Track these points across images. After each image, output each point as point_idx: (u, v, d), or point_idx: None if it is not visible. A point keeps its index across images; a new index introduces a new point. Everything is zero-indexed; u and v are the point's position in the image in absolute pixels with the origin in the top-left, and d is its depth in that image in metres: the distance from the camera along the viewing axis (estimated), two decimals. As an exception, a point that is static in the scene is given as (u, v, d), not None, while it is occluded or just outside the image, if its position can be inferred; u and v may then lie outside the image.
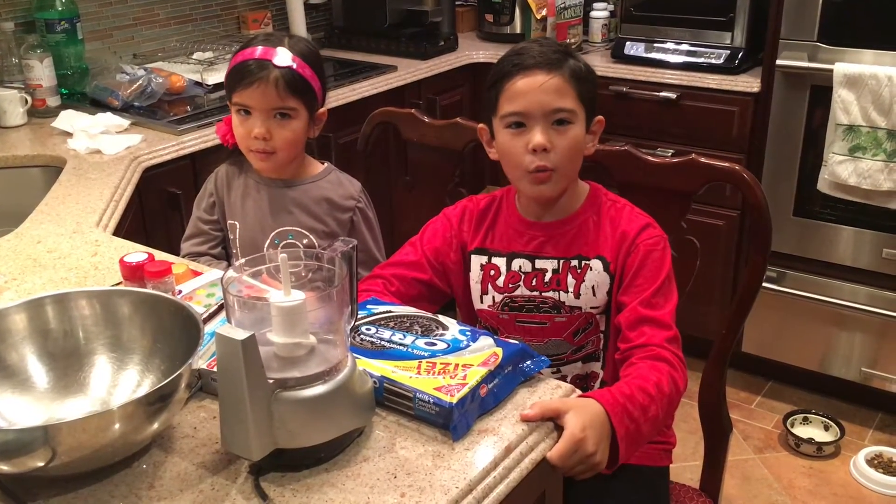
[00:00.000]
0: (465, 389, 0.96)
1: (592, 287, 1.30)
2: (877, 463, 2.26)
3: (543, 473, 1.01)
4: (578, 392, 1.09)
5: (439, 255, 1.38)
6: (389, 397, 0.99)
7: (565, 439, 1.00)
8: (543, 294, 1.33)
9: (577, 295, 1.31)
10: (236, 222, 1.57)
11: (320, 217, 1.56)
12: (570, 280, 1.31)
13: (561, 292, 1.32)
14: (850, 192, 2.25)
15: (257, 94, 1.44)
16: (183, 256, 1.58)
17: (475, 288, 1.38)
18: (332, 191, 1.57)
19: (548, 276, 1.32)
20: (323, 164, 1.62)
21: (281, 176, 1.56)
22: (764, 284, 2.41)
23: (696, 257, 1.45)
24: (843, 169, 2.22)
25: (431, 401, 0.95)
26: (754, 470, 2.31)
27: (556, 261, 1.32)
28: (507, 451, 0.94)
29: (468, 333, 1.09)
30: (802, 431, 2.41)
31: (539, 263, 1.33)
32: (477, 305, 1.38)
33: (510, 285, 1.35)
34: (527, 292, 1.34)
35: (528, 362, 1.06)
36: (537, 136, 1.23)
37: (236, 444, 0.88)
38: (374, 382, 0.99)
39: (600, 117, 1.31)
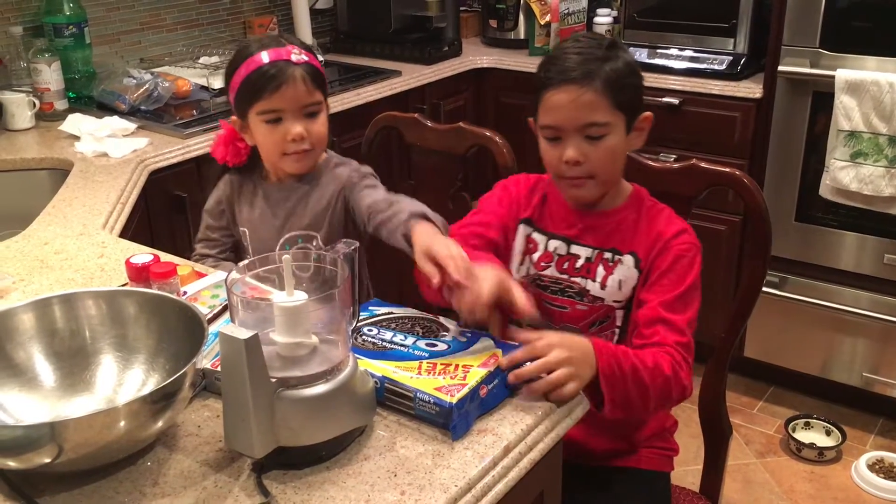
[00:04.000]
0: (465, 390, 0.97)
1: (620, 281, 1.31)
2: (878, 468, 2.26)
3: (542, 473, 1.02)
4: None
5: (505, 219, 1.40)
6: (390, 397, 1.01)
7: (522, 348, 1.04)
8: (571, 279, 1.35)
9: (604, 286, 1.32)
10: (246, 229, 1.56)
11: (326, 213, 1.52)
12: (601, 271, 1.33)
13: (589, 280, 1.33)
14: (851, 197, 2.25)
15: (288, 95, 1.40)
16: (193, 256, 1.59)
17: (516, 257, 1.40)
18: (332, 182, 1.52)
19: (580, 262, 1.34)
20: (325, 153, 1.57)
21: (307, 171, 1.52)
22: (766, 289, 2.42)
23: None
24: (844, 175, 2.23)
25: (432, 401, 0.97)
26: (756, 474, 2.32)
27: (590, 250, 1.34)
28: (505, 451, 0.95)
29: (468, 335, 1.11)
30: (804, 436, 2.41)
31: (574, 249, 1.35)
32: (513, 275, 1.39)
33: (542, 264, 1.37)
34: (556, 274, 1.36)
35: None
36: (569, 151, 1.26)
37: (239, 442, 0.90)
38: (376, 382, 1.00)
39: (647, 114, 1.30)
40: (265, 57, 1.40)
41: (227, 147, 1.52)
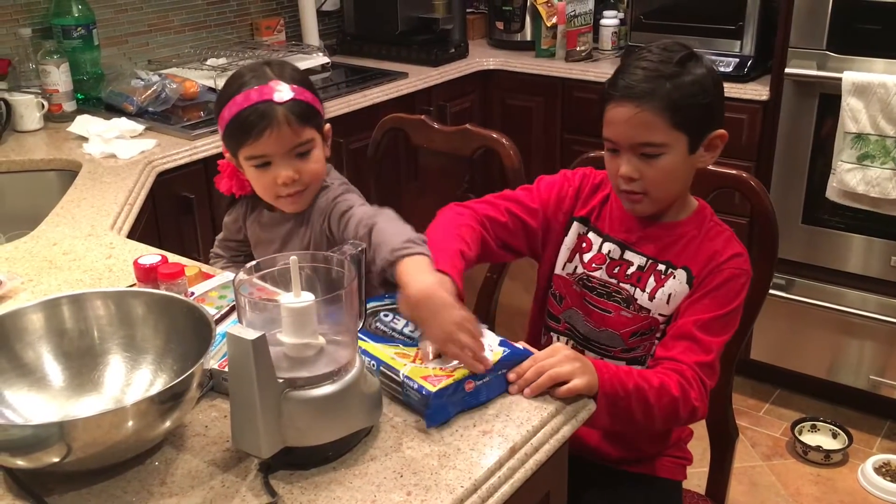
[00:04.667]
0: (448, 381, 0.99)
1: (669, 295, 1.29)
2: (885, 471, 2.25)
3: (548, 474, 1.03)
4: None
5: (550, 210, 1.39)
6: (384, 381, 1.03)
7: (528, 360, 1.06)
8: (620, 284, 1.33)
9: (652, 297, 1.30)
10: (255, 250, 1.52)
11: (322, 234, 1.44)
12: (651, 282, 1.30)
13: (638, 289, 1.31)
14: (858, 200, 2.25)
15: (272, 141, 1.29)
16: (211, 251, 1.57)
17: (564, 253, 1.38)
18: (316, 216, 1.43)
19: (631, 269, 1.32)
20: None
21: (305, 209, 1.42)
22: (772, 292, 2.42)
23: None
24: (851, 177, 2.22)
25: (415, 387, 1.00)
26: (762, 477, 2.31)
27: (645, 259, 1.32)
28: (511, 452, 0.96)
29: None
30: (810, 439, 2.40)
31: (628, 255, 1.33)
32: (557, 270, 1.39)
33: (593, 265, 1.35)
34: (605, 277, 1.34)
35: None
36: (623, 167, 1.24)
37: (246, 442, 0.90)
38: (373, 364, 1.04)
39: (720, 132, 1.26)
40: (246, 98, 1.29)
41: (231, 180, 1.45)
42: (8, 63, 2.25)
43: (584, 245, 1.37)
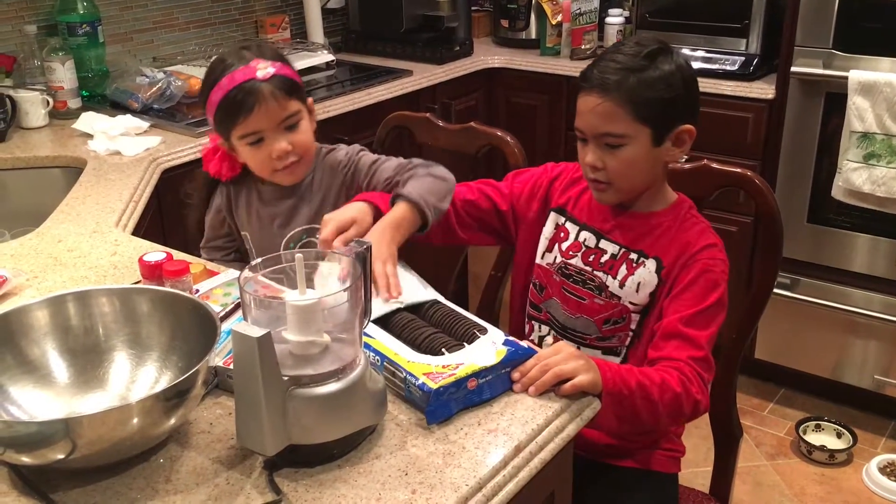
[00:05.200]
0: (450, 379, 0.99)
1: (639, 283, 1.31)
2: (889, 471, 2.25)
3: (553, 473, 1.02)
4: None
5: (522, 200, 1.45)
6: (388, 377, 1.04)
7: (532, 359, 1.07)
8: (594, 272, 1.36)
9: (622, 285, 1.33)
10: (247, 234, 1.56)
11: (327, 202, 1.51)
12: (623, 269, 1.33)
13: (609, 276, 1.34)
14: (864, 199, 2.24)
15: (262, 115, 1.37)
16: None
17: (542, 242, 1.42)
18: (327, 172, 1.52)
19: (605, 257, 1.35)
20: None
21: (302, 179, 1.51)
22: (777, 291, 2.41)
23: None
24: (857, 176, 2.22)
25: (417, 384, 1.00)
26: (766, 476, 2.31)
27: (618, 247, 1.34)
28: (516, 451, 0.95)
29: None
30: (815, 438, 2.40)
31: (603, 244, 1.36)
32: (538, 260, 1.43)
33: (570, 253, 1.38)
34: (581, 265, 1.37)
35: None
36: (588, 156, 1.29)
37: (251, 440, 0.90)
38: (377, 360, 1.04)
39: (686, 127, 1.28)
40: (231, 80, 1.36)
41: (221, 162, 1.50)
42: (13, 60, 2.25)
43: (562, 234, 1.40)
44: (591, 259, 1.36)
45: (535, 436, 0.98)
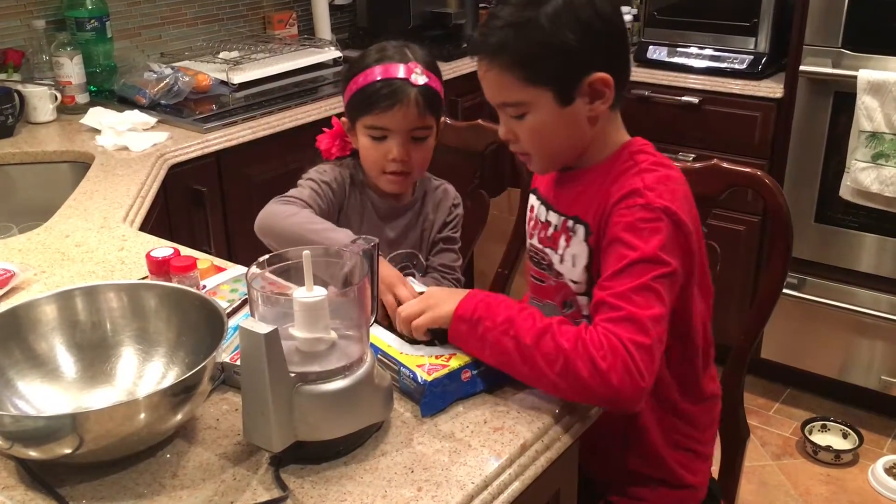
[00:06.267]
0: (443, 371, 1.00)
1: (573, 256, 1.13)
2: (895, 472, 2.24)
3: (558, 472, 1.02)
4: None
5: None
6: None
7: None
8: (544, 249, 1.19)
9: (562, 260, 1.15)
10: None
11: (427, 235, 1.51)
12: (562, 241, 1.15)
13: (554, 252, 1.17)
14: (872, 199, 2.23)
15: (398, 117, 1.35)
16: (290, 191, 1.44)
17: (527, 230, 1.27)
18: (434, 204, 1.52)
19: (550, 230, 1.18)
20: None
21: (402, 193, 1.48)
22: (784, 291, 2.39)
23: (717, 263, 1.45)
24: (865, 176, 2.21)
25: (411, 376, 1.00)
26: (771, 476, 2.31)
27: (558, 216, 1.17)
28: (522, 449, 0.95)
29: None
30: (821, 439, 2.39)
31: (550, 215, 1.19)
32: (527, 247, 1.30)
33: (532, 233, 1.24)
34: (536, 244, 1.22)
35: None
36: (500, 128, 1.14)
37: (257, 436, 0.90)
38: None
39: (599, 75, 1.05)
40: (385, 71, 1.36)
41: (333, 141, 1.48)
42: (21, 55, 2.26)
43: (531, 214, 1.26)
44: (542, 235, 1.19)
45: (542, 435, 0.98)
